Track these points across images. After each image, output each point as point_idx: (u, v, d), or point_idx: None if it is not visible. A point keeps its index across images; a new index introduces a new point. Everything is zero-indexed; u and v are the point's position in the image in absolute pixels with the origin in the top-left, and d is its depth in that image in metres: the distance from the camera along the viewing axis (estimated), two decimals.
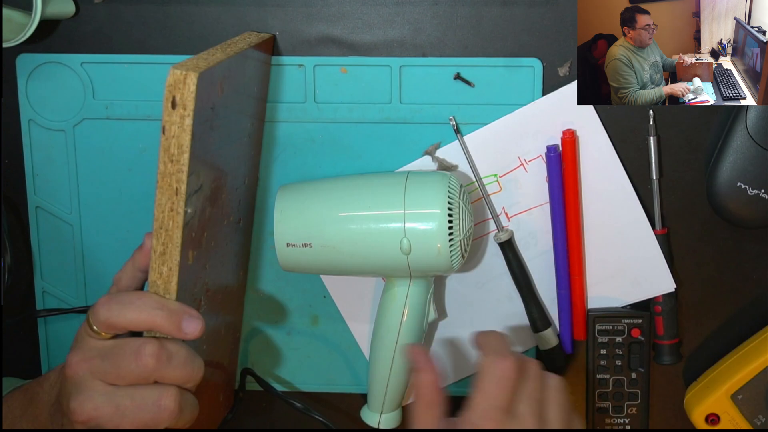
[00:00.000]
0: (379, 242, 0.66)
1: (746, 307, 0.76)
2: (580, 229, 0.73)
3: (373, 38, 0.73)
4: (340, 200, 0.67)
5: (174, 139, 0.51)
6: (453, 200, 0.66)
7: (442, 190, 0.66)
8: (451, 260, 0.66)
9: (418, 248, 0.65)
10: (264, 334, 0.78)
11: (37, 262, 0.77)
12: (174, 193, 0.52)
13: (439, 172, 0.68)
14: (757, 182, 0.70)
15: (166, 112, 0.51)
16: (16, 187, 0.76)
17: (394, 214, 0.66)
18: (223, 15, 0.73)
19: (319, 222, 0.66)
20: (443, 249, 0.65)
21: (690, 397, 0.74)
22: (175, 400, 0.54)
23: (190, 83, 0.51)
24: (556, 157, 0.72)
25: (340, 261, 0.67)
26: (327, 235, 0.66)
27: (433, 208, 0.65)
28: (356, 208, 0.67)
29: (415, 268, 0.67)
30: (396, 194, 0.66)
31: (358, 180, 0.69)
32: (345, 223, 0.66)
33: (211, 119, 0.56)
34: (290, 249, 0.67)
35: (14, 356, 0.79)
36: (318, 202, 0.67)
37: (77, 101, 0.74)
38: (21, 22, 0.69)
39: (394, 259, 0.66)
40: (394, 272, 0.68)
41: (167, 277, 0.53)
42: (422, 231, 0.65)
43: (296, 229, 0.67)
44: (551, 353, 0.75)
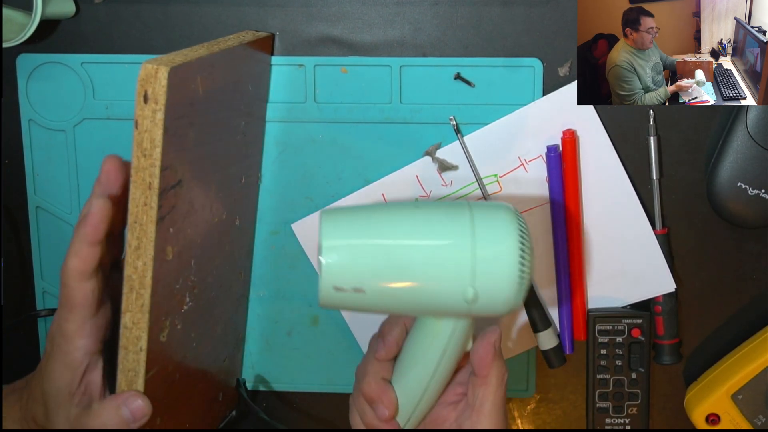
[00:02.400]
0: (444, 293, 0.55)
1: (746, 307, 0.76)
2: (580, 229, 0.74)
3: (374, 38, 0.73)
4: (400, 245, 0.56)
5: (146, 133, 0.52)
6: (525, 239, 0.55)
7: (513, 227, 0.55)
8: (516, 305, 0.56)
9: (484, 297, 0.55)
10: (264, 334, 0.78)
11: (37, 262, 0.77)
12: (147, 187, 0.52)
13: (502, 204, 0.58)
14: (757, 182, 0.70)
15: (138, 106, 0.51)
16: (16, 187, 0.76)
17: (460, 252, 0.55)
18: (223, 15, 0.73)
19: (378, 268, 0.55)
20: (511, 295, 0.55)
21: (690, 397, 0.74)
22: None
23: (161, 77, 0.51)
24: (556, 157, 0.72)
25: (392, 308, 0.58)
26: (383, 283, 0.55)
27: (505, 251, 0.55)
28: (418, 237, 0.56)
29: (476, 314, 0.57)
30: (463, 229, 0.55)
31: (415, 210, 0.58)
32: (404, 270, 0.55)
33: (190, 115, 0.56)
34: (338, 294, 0.55)
35: (14, 356, 0.79)
36: (376, 244, 0.56)
37: (77, 101, 0.74)
38: (21, 22, 0.69)
39: (455, 307, 0.57)
40: (451, 315, 0.59)
41: (142, 271, 0.54)
42: (492, 277, 0.55)
43: (350, 273, 0.55)
44: (551, 353, 0.75)
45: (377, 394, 0.63)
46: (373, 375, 0.63)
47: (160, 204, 0.53)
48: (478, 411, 0.62)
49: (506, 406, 0.64)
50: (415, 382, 0.62)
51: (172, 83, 0.51)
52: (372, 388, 0.63)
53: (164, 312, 0.57)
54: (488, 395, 0.61)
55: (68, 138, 0.74)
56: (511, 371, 0.77)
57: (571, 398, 0.78)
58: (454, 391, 0.65)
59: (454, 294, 0.55)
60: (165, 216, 0.54)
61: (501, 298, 0.55)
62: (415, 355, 0.62)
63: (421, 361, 0.62)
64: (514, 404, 0.79)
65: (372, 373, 0.63)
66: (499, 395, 0.62)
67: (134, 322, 0.54)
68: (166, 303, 0.57)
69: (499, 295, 0.55)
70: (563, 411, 0.79)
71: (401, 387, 0.63)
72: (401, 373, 0.63)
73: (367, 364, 0.64)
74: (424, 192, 0.74)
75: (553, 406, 0.79)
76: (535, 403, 0.79)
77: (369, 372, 0.63)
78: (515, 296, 0.55)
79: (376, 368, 0.63)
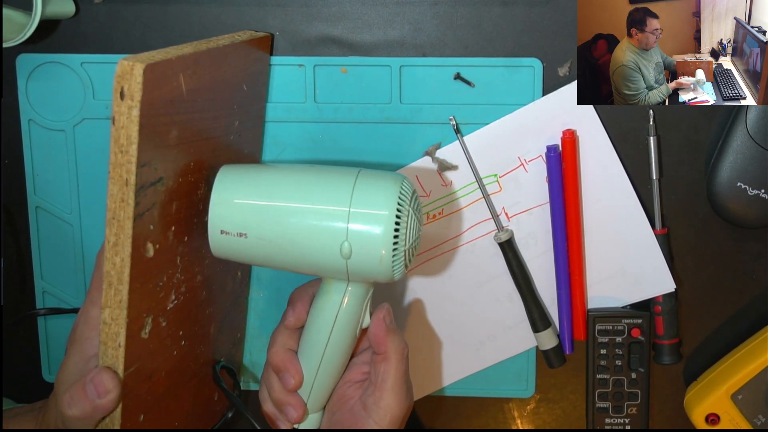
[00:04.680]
0: (319, 242, 0.60)
1: (746, 307, 0.76)
2: (580, 229, 0.74)
3: (373, 38, 0.73)
4: (283, 190, 0.61)
5: (123, 129, 0.52)
6: (403, 205, 0.60)
7: (393, 192, 0.60)
8: (393, 269, 0.60)
9: (359, 253, 0.60)
10: (264, 334, 0.78)
11: (37, 262, 0.77)
12: (124, 183, 0.52)
13: (393, 173, 0.62)
14: (757, 182, 0.70)
15: (115, 102, 0.51)
16: (16, 187, 0.76)
17: (337, 211, 0.60)
18: (223, 15, 0.73)
19: (257, 212, 0.61)
20: (386, 257, 0.59)
21: (690, 397, 0.74)
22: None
23: (136, 74, 0.51)
24: (556, 157, 0.72)
25: (275, 256, 0.62)
26: (264, 227, 0.61)
27: (380, 210, 0.59)
28: (298, 199, 0.61)
29: (354, 273, 0.61)
30: (343, 191, 0.60)
31: (306, 171, 0.64)
32: (284, 216, 0.61)
33: (171, 113, 0.56)
34: (224, 236, 0.61)
35: (14, 356, 0.79)
36: (259, 189, 0.62)
37: (77, 101, 0.74)
38: (21, 22, 0.69)
39: (332, 262, 0.61)
40: (331, 274, 0.63)
41: (120, 267, 0.54)
42: (366, 234, 0.59)
43: (232, 216, 0.61)
44: (551, 353, 0.75)
45: (284, 363, 0.66)
46: (281, 345, 0.67)
47: (137, 201, 0.53)
48: (381, 387, 0.64)
49: (410, 382, 0.66)
50: (313, 350, 0.66)
51: (148, 80, 0.51)
52: (280, 357, 0.66)
53: (145, 309, 0.57)
54: (390, 370, 0.64)
55: (68, 138, 0.74)
56: (511, 371, 0.78)
57: (571, 398, 0.78)
58: (360, 369, 0.68)
59: (330, 246, 0.60)
60: (144, 213, 0.54)
61: (374, 258, 0.60)
62: (312, 322, 0.66)
63: (316, 327, 0.66)
64: (514, 404, 0.79)
65: (279, 343, 0.67)
66: (400, 370, 0.65)
67: (113, 317, 0.54)
68: (147, 300, 0.57)
69: (372, 253, 0.59)
70: (563, 411, 0.79)
71: (302, 356, 0.67)
72: (302, 344, 0.67)
73: (276, 335, 0.67)
74: (424, 192, 0.74)
75: (553, 406, 0.79)
76: (535, 403, 0.79)
77: (277, 342, 0.67)
78: (387, 258, 0.59)
79: (284, 339, 0.67)
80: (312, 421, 0.69)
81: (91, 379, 0.55)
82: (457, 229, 0.75)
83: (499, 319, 0.76)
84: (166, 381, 0.62)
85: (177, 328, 0.62)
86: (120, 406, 0.56)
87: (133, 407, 0.57)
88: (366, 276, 0.61)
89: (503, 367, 0.77)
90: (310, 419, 0.69)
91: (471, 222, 0.75)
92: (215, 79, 0.62)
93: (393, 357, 0.64)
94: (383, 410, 0.64)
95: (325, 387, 0.67)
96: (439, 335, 0.77)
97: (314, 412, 0.68)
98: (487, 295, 0.76)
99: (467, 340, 0.77)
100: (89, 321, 0.58)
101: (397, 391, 0.64)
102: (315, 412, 0.68)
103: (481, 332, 0.76)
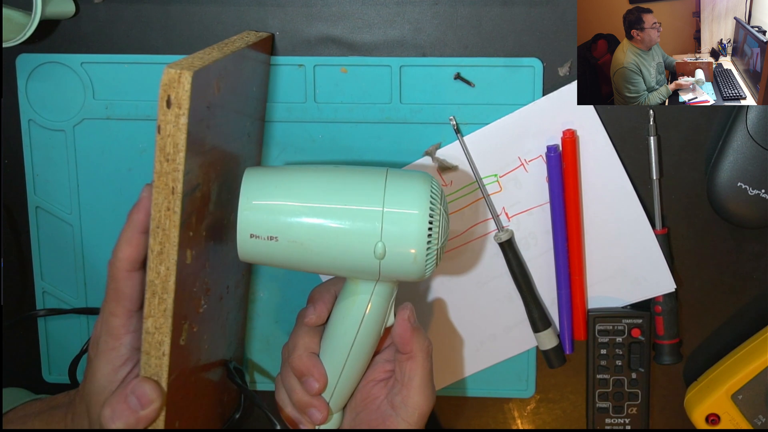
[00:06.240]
0: (352, 243, 0.60)
1: (746, 307, 0.76)
2: (580, 229, 0.74)
3: (373, 38, 0.73)
4: (314, 191, 0.61)
5: (169, 138, 0.52)
6: (435, 204, 0.61)
7: (424, 191, 0.61)
8: (425, 268, 0.61)
9: (393, 253, 0.60)
10: (264, 334, 0.78)
11: (37, 262, 0.77)
12: (170, 192, 0.52)
13: (420, 172, 0.63)
14: (757, 182, 0.70)
15: (161, 111, 0.51)
16: (16, 187, 0.76)
17: (371, 211, 0.60)
18: (223, 15, 0.73)
19: (290, 213, 0.60)
20: (419, 256, 0.60)
21: (690, 397, 0.74)
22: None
23: (184, 82, 0.51)
24: (556, 157, 0.72)
25: (307, 258, 0.61)
26: (296, 230, 0.60)
27: (413, 209, 0.60)
28: (331, 200, 0.61)
29: (386, 273, 0.62)
30: (375, 191, 0.60)
31: (333, 171, 0.63)
32: (317, 217, 0.60)
33: (207, 118, 0.56)
34: (253, 240, 0.60)
35: (14, 356, 0.79)
36: (289, 190, 0.61)
37: (77, 101, 0.74)
38: (21, 22, 0.69)
39: (365, 262, 0.61)
40: (361, 275, 0.63)
41: (165, 276, 0.54)
42: (400, 235, 0.60)
43: (264, 219, 0.60)
44: (551, 353, 0.75)
45: (307, 367, 0.65)
46: (303, 348, 0.65)
47: (183, 208, 0.53)
48: (408, 385, 0.64)
49: (433, 380, 0.66)
50: (337, 351, 0.65)
51: (194, 87, 0.51)
52: (303, 361, 0.65)
53: (183, 316, 0.57)
54: (416, 369, 0.64)
55: (68, 138, 0.74)
56: (511, 371, 0.78)
57: (571, 398, 0.78)
58: (383, 368, 0.67)
59: (364, 247, 0.60)
60: (186, 220, 0.54)
61: (408, 257, 0.60)
62: (337, 323, 0.65)
63: (342, 328, 0.65)
64: (514, 404, 0.79)
65: (301, 347, 0.65)
66: (426, 368, 0.65)
67: (156, 327, 0.54)
68: (185, 306, 0.57)
69: (406, 252, 0.60)
70: (563, 411, 0.79)
71: (325, 357, 0.66)
72: (325, 345, 0.66)
73: (297, 337, 0.66)
74: None
75: (553, 406, 0.79)
76: (535, 403, 0.79)
77: (299, 345, 0.65)
78: (420, 256, 0.60)
79: (306, 342, 0.66)
80: (333, 421, 0.69)
81: (133, 391, 0.55)
82: (457, 229, 0.75)
83: (499, 319, 0.76)
84: (195, 385, 0.62)
85: (203, 332, 0.62)
86: (163, 414, 0.56)
87: (171, 414, 0.57)
88: (397, 275, 0.62)
89: (503, 367, 0.77)
90: (331, 419, 0.68)
91: (471, 222, 0.75)
92: (235, 82, 0.62)
93: (419, 356, 0.64)
94: (411, 408, 0.64)
95: (348, 387, 0.67)
96: (440, 335, 0.77)
97: (336, 411, 0.68)
98: (487, 295, 0.76)
99: (467, 340, 0.77)
100: (112, 331, 0.58)
101: (424, 389, 0.64)
102: (337, 412, 0.68)
103: (481, 332, 0.76)
